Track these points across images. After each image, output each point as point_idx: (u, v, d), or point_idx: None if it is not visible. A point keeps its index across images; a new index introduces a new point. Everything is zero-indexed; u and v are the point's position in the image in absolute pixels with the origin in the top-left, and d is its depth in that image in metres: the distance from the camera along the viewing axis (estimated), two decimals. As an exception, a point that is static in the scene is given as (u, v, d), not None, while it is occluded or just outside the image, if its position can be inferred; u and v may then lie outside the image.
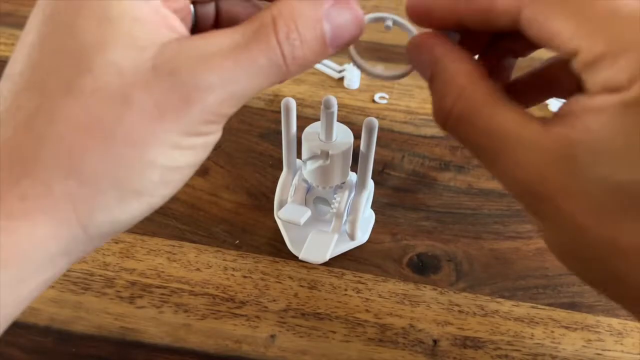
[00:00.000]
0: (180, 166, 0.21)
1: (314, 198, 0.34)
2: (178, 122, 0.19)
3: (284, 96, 0.44)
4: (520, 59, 0.26)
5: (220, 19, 0.24)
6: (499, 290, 0.33)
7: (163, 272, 0.34)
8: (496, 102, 0.21)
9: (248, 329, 0.31)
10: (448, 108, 0.21)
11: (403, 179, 0.39)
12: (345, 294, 0.33)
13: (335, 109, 0.29)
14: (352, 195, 0.34)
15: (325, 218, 0.36)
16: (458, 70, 0.22)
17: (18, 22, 0.51)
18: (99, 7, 0.19)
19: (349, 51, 0.26)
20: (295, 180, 0.34)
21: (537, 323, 0.32)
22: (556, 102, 0.43)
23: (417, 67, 0.24)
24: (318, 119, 0.31)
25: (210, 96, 0.19)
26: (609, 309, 0.32)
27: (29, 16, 0.20)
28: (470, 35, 0.23)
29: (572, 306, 0.32)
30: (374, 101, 0.44)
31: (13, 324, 0.33)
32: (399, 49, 0.25)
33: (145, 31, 0.19)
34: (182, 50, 0.19)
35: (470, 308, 0.32)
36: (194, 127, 0.20)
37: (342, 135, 0.31)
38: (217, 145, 0.27)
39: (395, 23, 0.25)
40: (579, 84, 0.20)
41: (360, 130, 0.30)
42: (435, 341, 0.31)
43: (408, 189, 0.38)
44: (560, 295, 0.33)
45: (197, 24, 0.24)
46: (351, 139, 0.31)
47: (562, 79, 0.24)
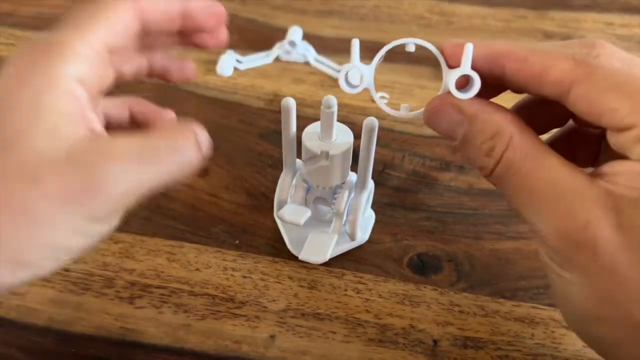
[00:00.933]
0: (74, 248, 0.22)
1: (314, 198, 0.34)
2: (80, 209, 0.21)
3: (284, 96, 0.44)
4: None
5: (133, 120, 0.28)
6: (499, 290, 0.33)
7: (163, 273, 0.34)
8: (544, 151, 0.22)
9: (248, 329, 0.31)
10: (497, 157, 0.22)
11: (403, 179, 0.39)
12: (345, 294, 0.33)
13: (335, 108, 0.29)
14: (352, 195, 0.33)
15: (325, 218, 0.35)
16: (505, 120, 0.22)
17: (18, 22, 0.51)
18: (35, 96, 0.21)
19: (373, 97, 0.26)
20: (294, 181, 0.34)
21: (538, 323, 0.32)
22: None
23: (442, 128, 0.24)
24: (318, 119, 0.31)
25: (113, 187, 0.21)
26: (610, 309, 0.32)
27: None
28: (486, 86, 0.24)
29: (573, 306, 0.32)
30: (374, 101, 0.44)
31: (13, 324, 0.33)
32: (399, 49, 0.25)
33: (68, 126, 0.22)
34: (94, 145, 0.22)
35: (471, 308, 0.32)
36: (95, 215, 0.21)
37: (342, 135, 0.31)
38: (217, 146, 0.27)
39: (419, 47, 0.24)
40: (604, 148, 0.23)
41: (360, 130, 0.30)
42: (435, 341, 0.31)
43: (408, 189, 0.38)
44: (561, 295, 0.33)
45: (111, 124, 0.27)
46: (351, 139, 0.31)
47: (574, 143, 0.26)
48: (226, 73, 0.46)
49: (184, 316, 0.32)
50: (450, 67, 0.24)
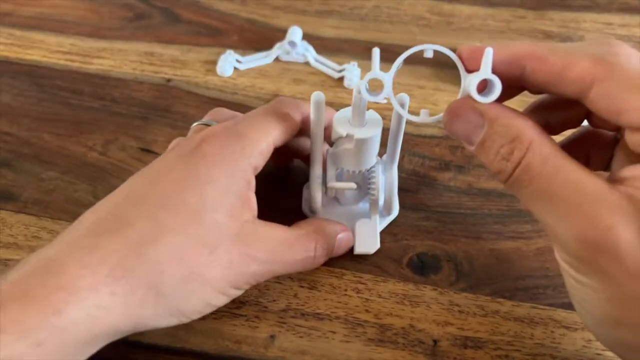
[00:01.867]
0: (216, 305, 0.28)
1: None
2: (233, 277, 0.27)
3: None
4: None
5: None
6: (499, 290, 0.33)
7: (163, 272, 0.34)
8: (563, 156, 0.22)
9: (248, 329, 0.31)
10: (517, 161, 0.22)
11: (403, 178, 0.39)
12: (345, 294, 0.33)
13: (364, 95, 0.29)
14: (382, 175, 0.34)
15: (351, 202, 0.36)
16: (525, 125, 0.23)
17: (17, 22, 0.51)
18: (225, 179, 0.27)
19: (394, 105, 0.26)
20: (328, 163, 0.34)
21: (538, 323, 0.32)
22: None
23: (461, 131, 0.24)
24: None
25: (260, 267, 0.28)
26: (610, 309, 0.32)
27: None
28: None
29: (573, 306, 0.32)
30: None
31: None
32: (400, 49, 0.25)
33: (239, 205, 0.27)
34: (256, 229, 0.28)
35: (471, 308, 0.32)
36: (238, 284, 0.28)
37: (372, 122, 0.31)
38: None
39: (437, 52, 0.25)
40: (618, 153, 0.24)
41: (389, 123, 0.31)
42: (435, 341, 0.31)
43: (408, 189, 0.38)
44: (560, 295, 0.33)
45: None
46: (379, 127, 0.31)
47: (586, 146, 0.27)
48: (226, 73, 0.46)
49: (184, 316, 0.32)
50: (469, 72, 0.24)
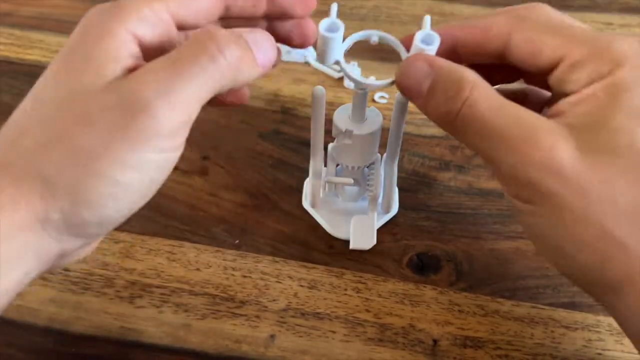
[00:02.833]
0: (129, 184, 0.22)
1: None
2: (125, 139, 0.21)
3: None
4: None
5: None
6: (499, 290, 0.33)
7: (163, 272, 0.34)
8: (502, 96, 0.23)
9: (248, 328, 0.31)
10: (464, 98, 0.23)
11: (403, 178, 0.39)
12: (345, 294, 0.33)
13: (365, 91, 0.30)
14: (382, 172, 0.34)
15: (351, 198, 0.36)
16: (468, 70, 0.24)
17: (17, 22, 0.51)
18: (93, 42, 0.22)
19: (340, 64, 0.27)
20: (328, 159, 0.34)
21: (537, 323, 0.32)
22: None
23: (410, 83, 0.26)
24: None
25: (153, 111, 0.21)
26: (609, 309, 0.32)
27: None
28: None
29: (573, 306, 0.32)
30: (373, 100, 0.44)
31: (13, 324, 0.33)
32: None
33: (114, 68, 0.22)
34: (129, 75, 0.22)
35: (470, 308, 0.32)
36: (141, 145, 0.21)
37: (372, 118, 0.31)
38: (217, 146, 0.27)
39: (381, 39, 0.27)
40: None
41: (387, 123, 0.31)
42: (435, 341, 0.31)
43: (408, 189, 0.38)
44: (560, 295, 0.33)
45: None
46: (379, 123, 0.31)
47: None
48: (226, 73, 0.46)
49: (184, 316, 0.32)
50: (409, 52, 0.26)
